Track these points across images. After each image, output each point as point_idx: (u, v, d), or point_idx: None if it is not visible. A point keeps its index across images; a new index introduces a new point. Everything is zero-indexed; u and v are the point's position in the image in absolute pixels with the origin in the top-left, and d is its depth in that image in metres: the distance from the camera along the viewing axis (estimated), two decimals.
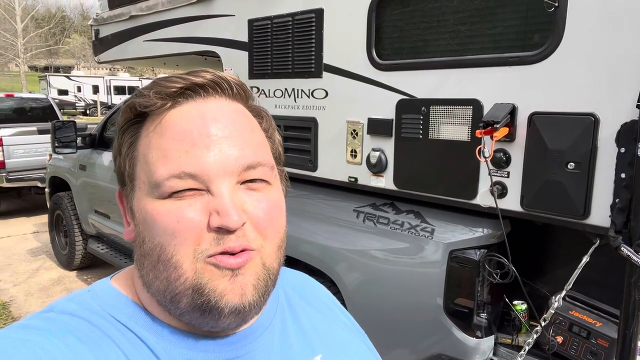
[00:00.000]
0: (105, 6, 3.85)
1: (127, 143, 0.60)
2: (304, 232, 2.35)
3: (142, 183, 0.58)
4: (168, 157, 0.56)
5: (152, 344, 0.57)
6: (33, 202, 7.84)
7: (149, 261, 0.58)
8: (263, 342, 0.64)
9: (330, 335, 0.73)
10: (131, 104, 0.59)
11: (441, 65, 1.80)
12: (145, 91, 0.59)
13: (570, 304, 1.82)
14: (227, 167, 0.56)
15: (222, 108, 0.60)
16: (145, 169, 0.58)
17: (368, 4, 1.99)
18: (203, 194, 0.56)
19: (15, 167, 6.80)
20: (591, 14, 1.45)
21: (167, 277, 0.56)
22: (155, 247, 0.56)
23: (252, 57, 2.52)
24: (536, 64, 1.57)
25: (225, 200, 0.55)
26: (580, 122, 1.48)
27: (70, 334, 0.54)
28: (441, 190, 1.87)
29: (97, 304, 0.60)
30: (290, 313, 0.72)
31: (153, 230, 0.57)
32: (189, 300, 0.56)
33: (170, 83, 0.58)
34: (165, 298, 0.57)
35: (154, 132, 0.58)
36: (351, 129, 2.12)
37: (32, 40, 30.79)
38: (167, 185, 0.55)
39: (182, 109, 0.58)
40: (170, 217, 0.55)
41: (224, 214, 0.54)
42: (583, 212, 1.50)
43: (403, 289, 2.03)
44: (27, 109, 8.89)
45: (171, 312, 0.58)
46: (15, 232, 6.51)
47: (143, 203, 0.58)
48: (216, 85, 0.60)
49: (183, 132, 0.56)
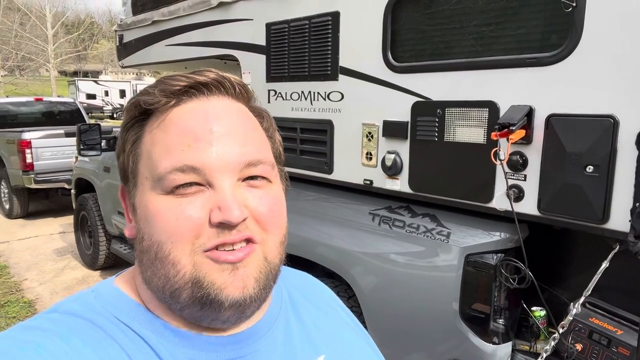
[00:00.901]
0: (129, 12, 3.94)
1: (131, 140, 0.61)
2: (320, 234, 2.35)
3: (145, 179, 0.59)
4: (171, 152, 0.57)
5: (154, 344, 0.58)
6: (60, 203, 8.04)
7: (147, 258, 0.59)
8: (266, 342, 0.64)
9: (334, 336, 0.73)
10: (136, 101, 0.61)
11: (457, 67, 1.79)
12: (150, 89, 0.60)
13: (591, 310, 1.77)
14: (229, 163, 0.57)
15: (225, 107, 0.61)
16: (149, 164, 0.59)
17: (384, 7, 1.99)
18: (204, 191, 0.57)
19: (43, 169, 6.99)
20: (610, 13, 1.42)
21: (165, 274, 0.57)
22: (153, 244, 0.57)
23: (269, 61, 2.54)
24: (554, 65, 1.54)
25: (227, 195, 0.56)
26: (599, 124, 1.45)
27: (73, 334, 0.55)
28: (456, 194, 1.85)
29: (101, 304, 0.60)
30: (294, 313, 0.72)
31: (152, 227, 0.57)
32: (188, 294, 0.56)
33: (175, 81, 0.59)
34: (164, 294, 0.58)
35: (158, 129, 0.59)
36: (367, 132, 2.11)
37: (61, 46, 31.67)
38: (169, 178, 0.56)
39: (186, 106, 0.59)
40: (169, 214, 0.56)
41: (225, 208, 0.55)
42: (602, 217, 1.47)
43: (418, 293, 2.01)
44: (55, 113, 9.14)
45: (171, 307, 0.59)
46: (43, 232, 6.69)
47: (145, 199, 0.59)
48: (219, 84, 0.61)
49: (187, 128, 0.58)
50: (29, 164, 6.87)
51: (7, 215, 7.63)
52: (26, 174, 6.92)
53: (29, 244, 6.17)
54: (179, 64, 3.68)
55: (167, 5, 3.33)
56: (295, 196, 2.63)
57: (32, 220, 7.43)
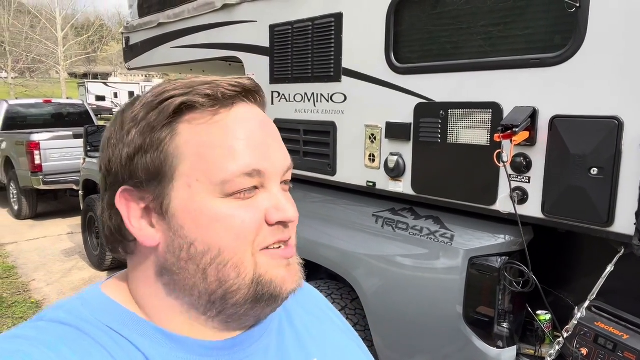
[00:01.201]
0: (136, 14, 3.96)
1: (166, 140, 0.57)
2: (323, 236, 2.34)
3: (195, 181, 0.56)
4: (236, 155, 0.57)
5: (146, 350, 0.57)
6: (69, 204, 8.10)
7: (195, 265, 0.57)
8: (260, 346, 0.65)
9: (325, 339, 0.74)
10: (173, 100, 0.57)
11: (460, 68, 1.77)
12: (195, 88, 0.58)
13: (597, 314, 1.75)
14: (280, 169, 0.61)
15: (264, 114, 0.65)
16: (203, 166, 0.56)
17: (386, 8, 1.98)
18: (257, 194, 0.59)
19: (51, 170, 7.05)
20: (614, 14, 1.40)
21: (223, 277, 0.57)
22: (211, 249, 0.56)
23: (273, 62, 2.54)
24: (558, 65, 1.52)
25: (280, 196, 0.60)
26: (603, 125, 1.42)
27: (61, 343, 0.54)
28: (459, 196, 1.83)
29: (89, 311, 0.59)
30: (286, 317, 0.72)
31: (210, 231, 0.56)
32: (246, 292, 0.58)
33: (226, 84, 0.59)
34: (212, 297, 0.58)
35: (211, 131, 0.57)
36: (369, 133, 2.10)
37: (71, 48, 31.96)
38: (237, 182, 0.57)
39: (239, 111, 0.60)
40: (234, 218, 0.57)
41: (282, 209, 0.59)
42: (607, 220, 1.44)
43: (422, 296, 1.99)
44: (64, 114, 9.22)
45: (207, 312, 0.60)
46: (51, 233, 6.75)
47: (196, 202, 0.56)
48: (256, 93, 0.64)
49: (248, 132, 0.59)
50: (37, 165, 6.93)
51: (16, 216, 7.70)
52: (35, 175, 6.98)
53: (37, 245, 6.22)
54: (184, 66, 3.70)
55: (172, 7, 3.35)
56: (301, 198, 2.62)
57: (41, 221, 7.49)
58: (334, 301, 2.38)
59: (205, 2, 2.95)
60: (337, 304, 2.37)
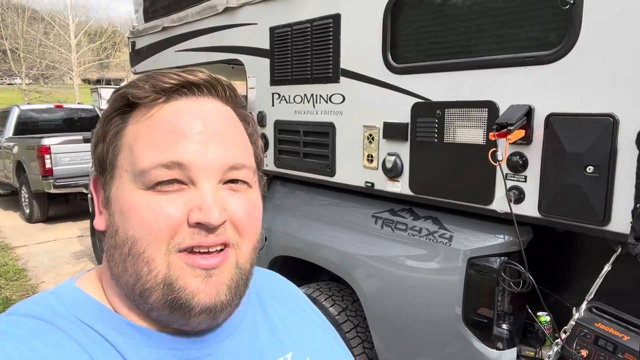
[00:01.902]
0: (141, 19, 4.01)
1: (113, 131, 0.61)
2: (323, 237, 2.34)
3: (124, 172, 0.58)
4: (157, 148, 0.57)
5: (119, 345, 0.57)
6: (79, 207, 8.19)
7: (119, 253, 0.58)
8: (234, 340, 0.65)
9: (302, 333, 0.73)
10: (123, 93, 0.60)
11: (455, 67, 1.76)
12: (140, 83, 0.60)
13: (597, 316, 1.72)
14: (214, 164, 0.57)
15: (214, 109, 0.61)
16: (130, 157, 0.58)
17: (383, 8, 1.97)
18: (185, 190, 0.57)
19: (62, 174, 7.14)
20: (608, 10, 1.38)
21: (137, 271, 0.56)
22: (128, 239, 0.57)
23: (273, 64, 2.55)
24: (552, 63, 1.51)
25: (208, 196, 0.56)
26: (598, 123, 1.41)
27: (33, 337, 0.54)
28: (456, 195, 1.82)
29: (62, 305, 0.59)
30: (262, 312, 0.72)
31: (128, 222, 0.57)
32: (158, 296, 0.56)
33: (166, 78, 0.59)
34: (134, 292, 0.57)
35: (144, 124, 0.59)
36: (367, 134, 2.10)
37: (84, 55, 32.41)
38: (153, 173, 0.56)
39: (175, 104, 0.59)
40: (149, 211, 0.55)
41: (205, 210, 0.55)
42: (603, 218, 1.42)
43: (421, 297, 1.98)
44: (75, 119, 9.35)
45: (139, 307, 0.59)
46: (61, 236, 6.83)
47: (122, 192, 0.58)
48: (210, 86, 0.61)
49: (175, 126, 0.58)
50: (48, 169, 7.02)
51: (27, 220, 7.81)
52: (45, 179, 7.08)
53: (47, 248, 6.30)
54: None
55: (176, 11, 3.38)
56: (301, 200, 2.63)
57: (52, 224, 7.59)
58: (335, 303, 2.37)
59: (207, 6, 2.98)
60: (337, 305, 2.37)
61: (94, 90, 32.04)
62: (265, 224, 2.57)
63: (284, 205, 2.66)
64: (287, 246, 2.51)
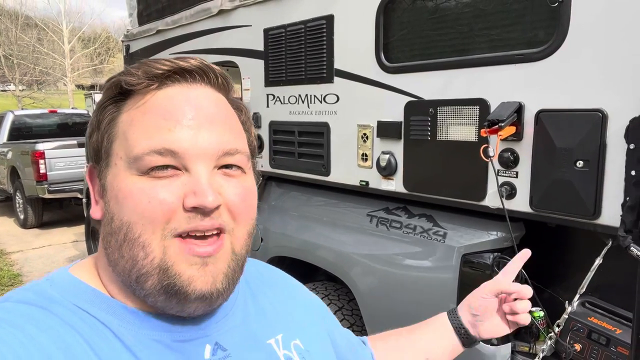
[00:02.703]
0: (135, 22, 4.02)
1: (108, 119, 0.61)
2: (319, 237, 2.35)
3: (119, 159, 0.59)
4: (150, 134, 0.57)
5: (115, 328, 0.58)
6: (74, 212, 8.17)
7: (115, 240, 0.58)
8: (227, 322, 0.66)
9: (290, 316, 0.76)
10: (116, 81, 0.61)
11: (447, 66, 1.79)
12: (133, 70, 0.61)
13: (590, 310, 1.74)
14: (208, 150, 0.58)
15: (206, 95, 0.62)
16: (125, 144, 0.59)
17: (376, 9, 2.00)
18: (180, 175, 0.57)
19: (56, 179, 7.12)
20: (596, 7, 1.41)
21: (134, 256, 0.57)
22: (123, 225, 0.57)
23: (267, 65, 2.57)
24: (542, 60, 1.53)
25: (203, 181, 0.57)
26: (588, 118, 1.43)
27: (28, 323, 0.54)
28: (450, 192, 1.84)
29: (57, 292, 0.60)
30: (251, 296, 0.74)
31: (123, 208, 0.57)
32: (154, 281, 0.57)
33: (159, 65, 0.60)
34: (130, 278, 0.58)
35: (137, 110, 0.59)
36: (361, 133, 2.12)
37: (78, 60, 32.32)
38: (146, 159, 0.56)
39: (168, 90, 0.60)
40: (142, 196, 0.56)
41: (200, 194, 0.56)
42: (593, 212, 1.45)
43: (416, 294, 1.99)
44: (69, 124, 9.33)
45: (136, 292, 0.59)
46: (56, 241, 6.80)
47: (118, 179, 0.58)
48: (203, 72, 0.62)
49: (167, 112, 0.58)
50: (42, 174, 7.01)
51: (22, 225, 7.78)
52: (40, 184, 7.06)
53: (42, 253, 6.27)
54: None
55: (170, 14, 3.39)
56: (296, 200, 2.64)
57: (47, 229, 7.56)
58: (332, 302, 2.39)
59: (202, 9, 2.99)
60: (334, 304, 2.38)
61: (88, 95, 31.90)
62: (261, 224, 2.58)
63: (280, 206, 2.67)
64: (284, 246, 2.52)
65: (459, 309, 0.97)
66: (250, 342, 0.67)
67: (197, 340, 0.62)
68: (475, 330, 0.93)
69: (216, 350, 0.62)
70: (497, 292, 0.90)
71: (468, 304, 0.94)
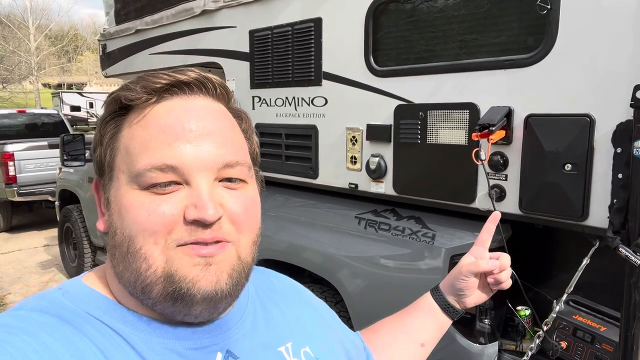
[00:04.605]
0: (112, 21, 3.93)
1: (110, 134, 0.62)
2: (306, 240, 2.35)
3: (122, 173, 0.59)
4: (150, 149, 0.58)
5: (128, 336, 0.58)
6: (44, 215, 7.93)
7: (119, 252, 0.59)
8: (238, 330, 0.67)
9: (300, 324, 0.76)
10: (116, 96, 0.61)
11: (437, 70, 1.81)
12: (131, 85, 0.61)
13: (575, 308, 1.80)
14: (208, 163, 0.58)
15: (205, 107, 0.62)
16: (126, 159, 0.59)
17: (365, 12, 2.01)
18: (180, 189, 0.58)
19: (26, 181, 6.90)
20: (584, 15, 1.45)
21: (137, 268, 0.57)
22: (125, 238, 0.58)
23: (253, 67, 2.55)
24: (531, 66, 1.57)
25: (203, 193, 0.57)
26: (576, 123, 1.48)
27: (42, 330, 0.54)
28: (440, 195, 1.87)
29: (70, 301, 0.60)
30: (261, 304, 0.75)
31: (125, 221, 0.58)
32: (160, 289, 0.57)
33: (157, 79, 0.60)
34: (135, 289, 0.58)
35: (138, 125, 0.60)
36: (350, 136, 2.13)
37: (45, 58, 31.38)
38: (148, 175, 0.57)
39: (167, 104, 0.60)
40: (142, 210, 0.57)
41: (201, 207, 0.56)
42: (581, 214, 1.49)
43: (405, 295, 1.99)
44: (38, 125, 9.04)
45: (143, 302, 0.59)
46: (27, 246, 6.59)
47: (120, 193, 0.59)
48: (201, 84, 0.62)
49: (167, 126, 0.58)
50: (11, 176, 6.77)
51: None
52: (9, 187, 6.82)
53: (12, 258, 6.07)
54: None
55: (150, 14, 3.33)
56: (283, 202, 2.63)
57: (16, 233, 7.31)
58: None
59: (184, 9, 2.95)
60: None
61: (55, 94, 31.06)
62: None
63: (267, 209, 2.65)
64: (270, 249, 2.50)
65: (442, 287, 0.99)
66: (261, 349, 0.67)
67: (209, 348, 0.62)
68: (461, 304, 0.97)
69: (227, 358, 0.63)
70: (476, 273, 0.93)
71: (450, 284, 0.97)
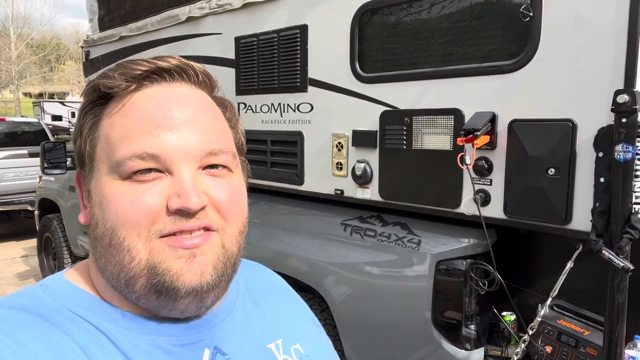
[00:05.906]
0: (96, 28, 3.90)
1: (89, 124, 0.60)
2: (291, 247, 2.33)
3: (102, 164, 0.57)
4: (131, 137, 0.56)
5: (111, 334, 0.56)
6: (23, 225, 7.75)
7: (101, 245, 0.57)
8: (226, 326, 0.65)
9: (291, 321, 0.75)
10: (95, 84, 0.59)
11: (422, 77, 1.83)
12: (110, 72, 0.59)
13: (559, 313, 1.81)
14: (190, 151, 0.57)
15: (187, 94, 0.60)
16: (106, 149, 0.57)
17: (350, 19, 2.03)
18: (163, 178, 0.56)
19: (5, 190, 6.77)
20: (565, 22, 1.48)
21: (120, 260, 0.56)
22: (107, 230, 0.56)
23: (239, 74, 2.55)
24: (514, 72, 1.60)
25: (186, 182, 0.55)
26: (558, 128, 1.50)
27: (20, 330, 0.52)
28: (425, 200, 1.87)
29: (51, 297, 0.58)
30: (251, 300, 0.73)
31: (106, 213, 0.56)
32: (144, 282, 0.55)
33: (136, 66, 0.58)
34: (119, 282, 0.57)
35: (117, 114, 0.58)
36: (336, 142, 2.13)
37: (27, 67, 30.96)
38: (128, 164, 0.55)
39: (147, 91, 0.59)
40: (124, 200, 0.55)
41: (183, 195, 0.54)
42: (565, 218, 1.51)
43: (391, 301, 2.01)
44: (19, 133, 8.85)
45: (127, 296, 0.58)
46: (4, 257, 6.42)
47: (101, 184, 0.57)
48: (182, 71, 0.61)
49: (147, 113, 0.57)
50: None
51: None
52: None
53: None
54: None
55: (134, 21, 3.32)
56: (268, 210, 2.61)
57: None
58: None
59: (169, 15, 2.94)
60: None
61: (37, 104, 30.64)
62: None
63: (252, 216, 2.62)
64: (254, 257, 2.47)
65: None
66: (250, 346, 0.66)
67: (196, 344, 0.60)
68: None
69: (215, 355, 0.61)
70: None
71: None
